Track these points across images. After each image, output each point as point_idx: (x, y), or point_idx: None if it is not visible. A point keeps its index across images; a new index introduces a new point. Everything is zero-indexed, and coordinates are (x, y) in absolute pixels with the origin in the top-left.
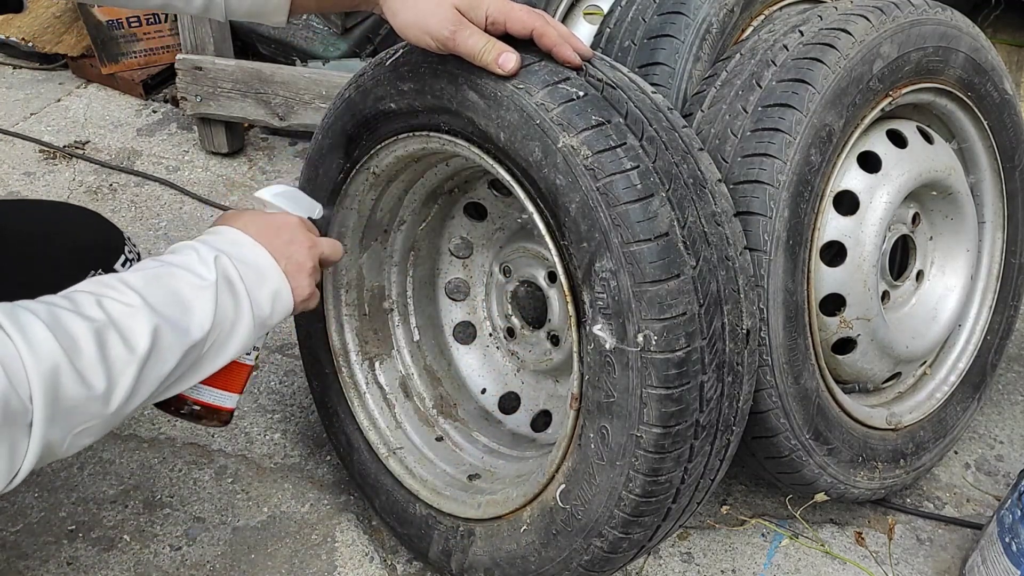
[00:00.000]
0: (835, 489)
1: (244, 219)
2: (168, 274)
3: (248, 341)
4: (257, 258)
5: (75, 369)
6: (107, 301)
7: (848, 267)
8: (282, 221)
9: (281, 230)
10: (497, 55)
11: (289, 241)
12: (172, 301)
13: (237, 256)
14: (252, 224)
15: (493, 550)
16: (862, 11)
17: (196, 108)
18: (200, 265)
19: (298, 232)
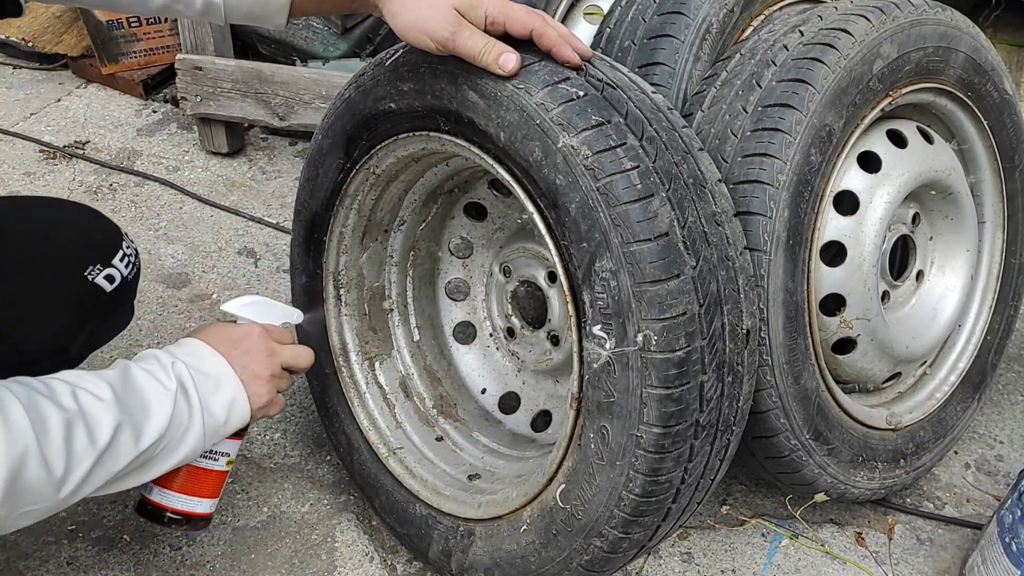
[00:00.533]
0: (835, 489)
1: (208, 331)
2: (138, 376)
3: (197, 447)
4: (215, 368)
5: (41, 454)
6: (81, 392)
7: (848, 267)
8: (243, 332)
9: (241, 341)
10: (497, 55)
11: (247, 351)
12: (137, 402)
13: (195, 366)
14: (214, 335)
15: (493, 550)
16: (862, 11)
17: (196, 108)
18: (162, 372)
19: (258, 342)
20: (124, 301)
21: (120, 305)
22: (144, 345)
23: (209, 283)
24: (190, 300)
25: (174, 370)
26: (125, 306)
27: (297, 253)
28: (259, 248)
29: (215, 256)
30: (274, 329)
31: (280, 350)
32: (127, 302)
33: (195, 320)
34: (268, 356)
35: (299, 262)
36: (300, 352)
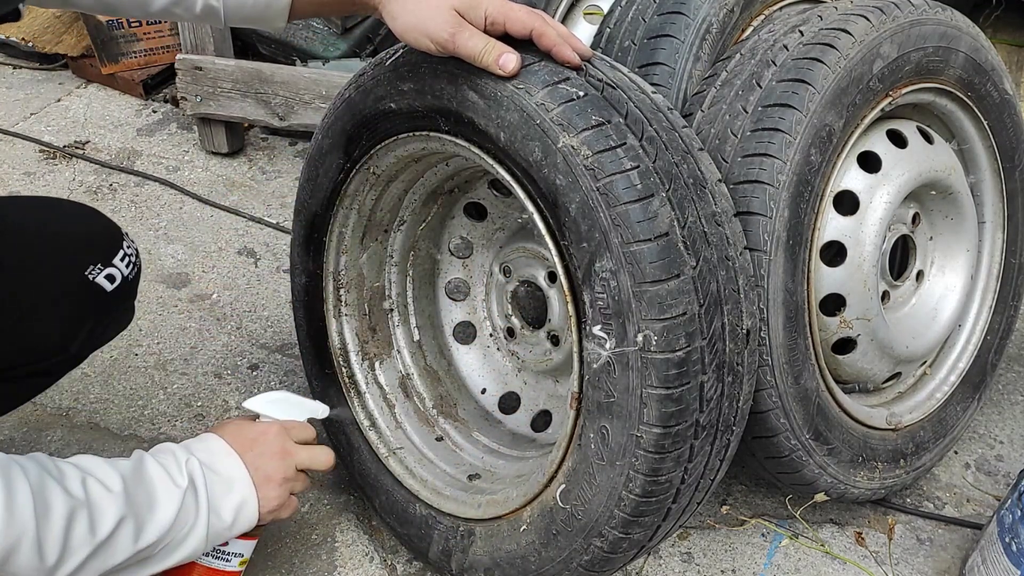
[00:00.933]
0: (835, 489)
1: (227, 428)
2: (150, 469)
3: (198, 548)
4: (228, 468)
5: (38, 540)
6: (91, 481)
7: (848, 267)
8: (260, 431)
9: (257, 440)
10: (497, 56)
11: (262, 452)
12: (145, 497)
13: (208, 463)
14: (231, 433)
15: (493, 550)
16: (862, 11)
17: (196, 108)
18: (175, 468)
19: (275, 442)
20: (125, 301)
21: (120, 305)
22: (144, 345)
23: (209, 283)
24: (190, 300)
25: (187, 467)
26: (126, 306)
27: (297, 253)
28: (259, 248)
29: (215, 256)
30: (295, 426)
31: (296, 451)
32: (128, 302)
33: (195, 320)
34: (283, 458)
35: (299, 262)
36: (317, 454)
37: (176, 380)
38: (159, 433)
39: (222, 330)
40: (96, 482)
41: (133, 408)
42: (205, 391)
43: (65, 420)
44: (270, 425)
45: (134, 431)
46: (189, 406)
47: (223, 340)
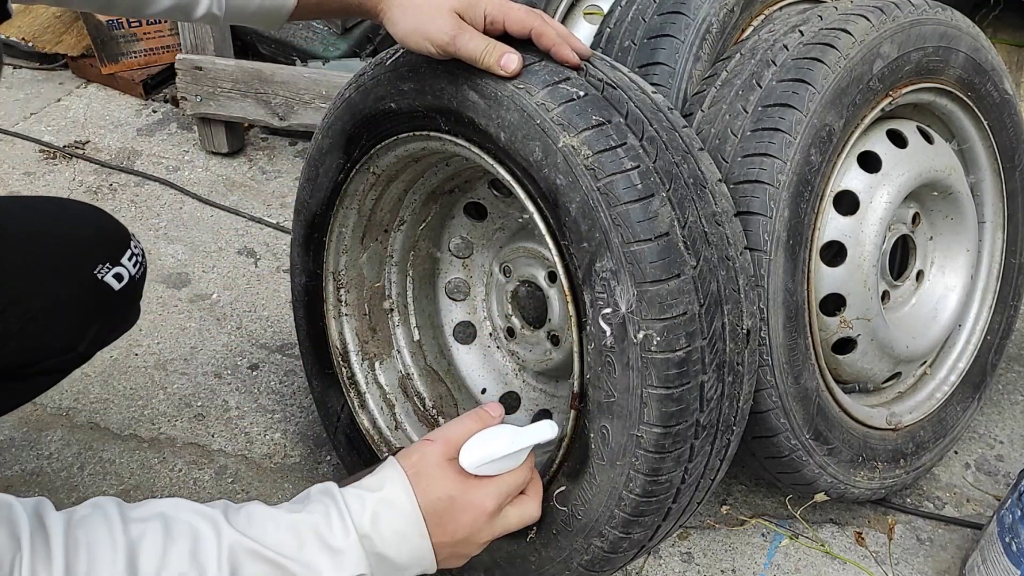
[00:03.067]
0: (835, 489)
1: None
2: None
3: None
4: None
5: None
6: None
7: (848, 267)
8: (473, 507)
9: (461, 523)
10: (499, 57)
11: (464, 540)
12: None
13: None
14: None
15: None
16: (862, 11)
17: (196, 108)
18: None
19: (482, 526)
20: (131, 300)
21: (128, 304)
22: (144, 345)
23: (209, 283)
24: (190, 300)
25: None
26: (132, 306)
27: (297, 253)
28: (259, 248)
29: (215, 256)
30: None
31: (508, 523)
32: (134, 302)
33: (195, 320)
34: (487, 541)
35: (299, 262)
36: (526, 516)
37: (176, 380)
38: (159, 433)
39: (222, 330)
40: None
41: (133, 408)
42: (205, 391)
43: (65, 420)
44: (488, 497)
45: (134, 431)
46: (189, 406)
47: (223, 340)
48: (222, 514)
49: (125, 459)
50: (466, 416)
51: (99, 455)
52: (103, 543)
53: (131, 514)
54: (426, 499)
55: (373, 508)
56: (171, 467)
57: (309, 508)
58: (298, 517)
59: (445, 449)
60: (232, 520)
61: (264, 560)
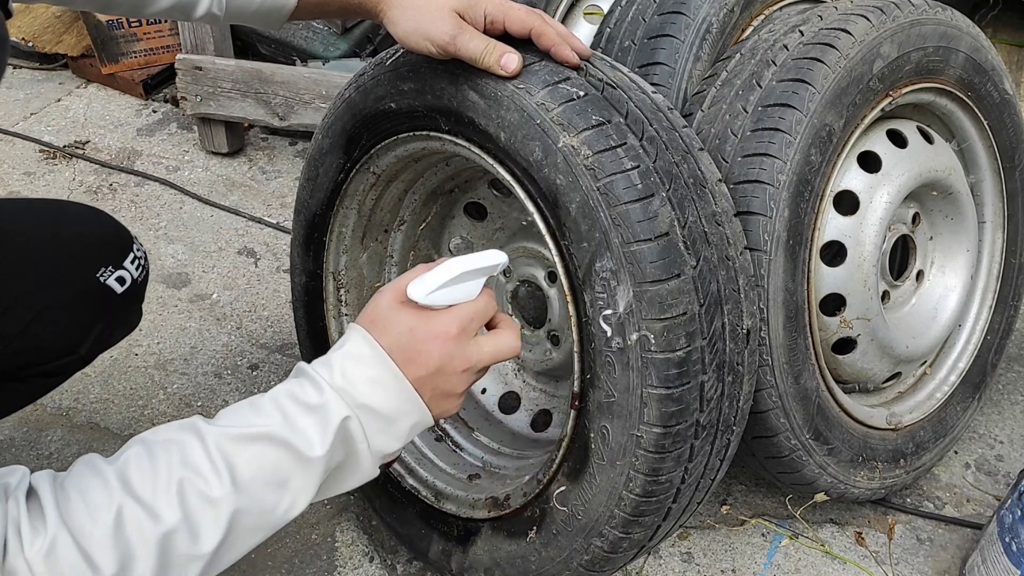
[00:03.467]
0: (835, 489)
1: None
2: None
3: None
4: (399, 402)
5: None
6: (187, 494)
7: (848, 267)
8: (434, 336)
9: (431, 352)
10: (499, 57)
11: (441, 367)
12: (269, 481)
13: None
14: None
15: (493, 550)
16: (862, 11)
17: (196, 108)
18: (315, 432)
19: (454, 353)
20: (134, 303)
21: (130, 307)
22: (144, 345)
23: (209, 283)
24: (190, 300)
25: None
26: (134, 308)
27: (297, 253)
28: (259, 248)
29: (215, 256)
30: (475, 312)
31: (482, 353)
32: (136, 304)
33: (195, 320)
34: (466, 370)
35: (299, 262)
36: (503, 343)
37: (176, 380)
38: None
39: (222, 330)
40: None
41: (133, 408)
42: (205, 391)
43: (65, 420)
44: (450, 321)
45: (134, 431)
46: (189, 406)
47: (223, 340)
48: (198, 420)
49: None
50: (415, 268)
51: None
52: (93, 483)
53: (112, 456)
54: (387, 339)
55: (340, 364)
56: None
57: (280, 384)
58: (271, 392)
59: (394, 294)
60: (210, 421)
61: (252, 439)
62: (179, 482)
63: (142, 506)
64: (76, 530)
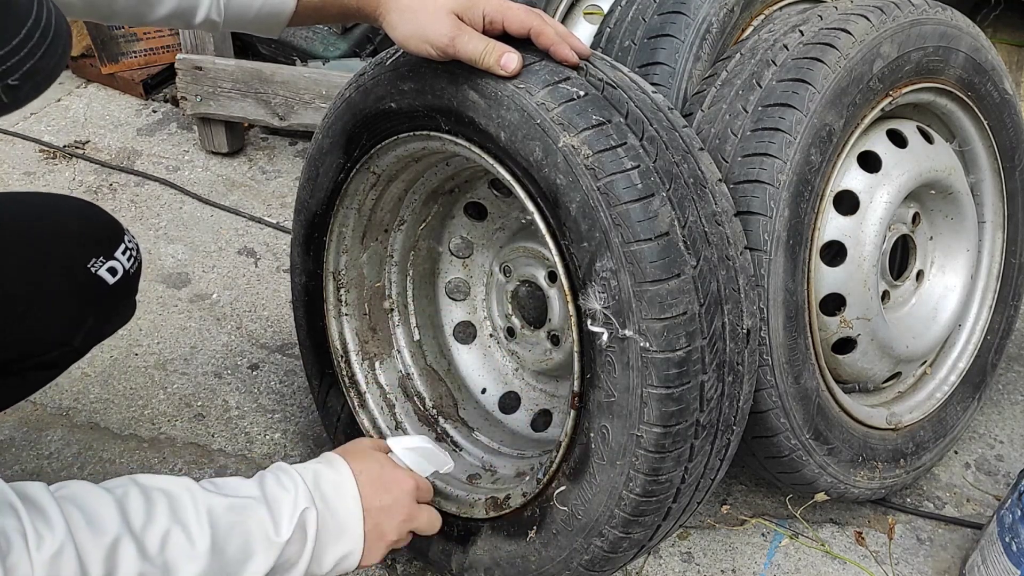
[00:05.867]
0: (835, 489)
1: (366, 464)
2: (249, 517)
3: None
4: (347, 517)
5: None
6: (172, 543)
7: (848, 267)
8: (396, 480)
9: (389, 491)
10: (499, 57)
11: (390, 511)
12: (238, 550)
13: (330, 505)
14: (368, 476)
15: (493, 549)
16: (862, 11)
17: (196, 108)
18: (286, 515)
19: (405, 501)
20: (126, 295)
21: (123, 298)
22: (144, 345)
23: (209, 283)
24: (190, 300)
25: (301, 517)
26: (127, 300)
27: (297, 253)
28: (259, 248)
29: (215, 256)
30: (425, 485)
31: (418, 517)
32: (129, 295)
33: (195, 320)
34: (404, 521)
35: (299, 262)
36: (432, 520)
37: (176, 380)
38: (159, 433)
39: (222, 330)
40: (177, 543)
41: (133, 408)
42: (205, 391)
43: (65, 420)
44: (409, 478)
45: (134, 431)
46: (189, 406)
47: (223, 340)
48: (189, 480)
49: (125, 459)
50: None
51: (99, 455)
52: (91, 497)
53: (107, 485)
54: (358, 464)
55: (312, 468)
56: (171, 467)
57: (263, 473)
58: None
59: (373, 443)
60: (200, 484)
61: (236, 510)
62: (166, 532)
63: (135, 542)
64: (80, 544)
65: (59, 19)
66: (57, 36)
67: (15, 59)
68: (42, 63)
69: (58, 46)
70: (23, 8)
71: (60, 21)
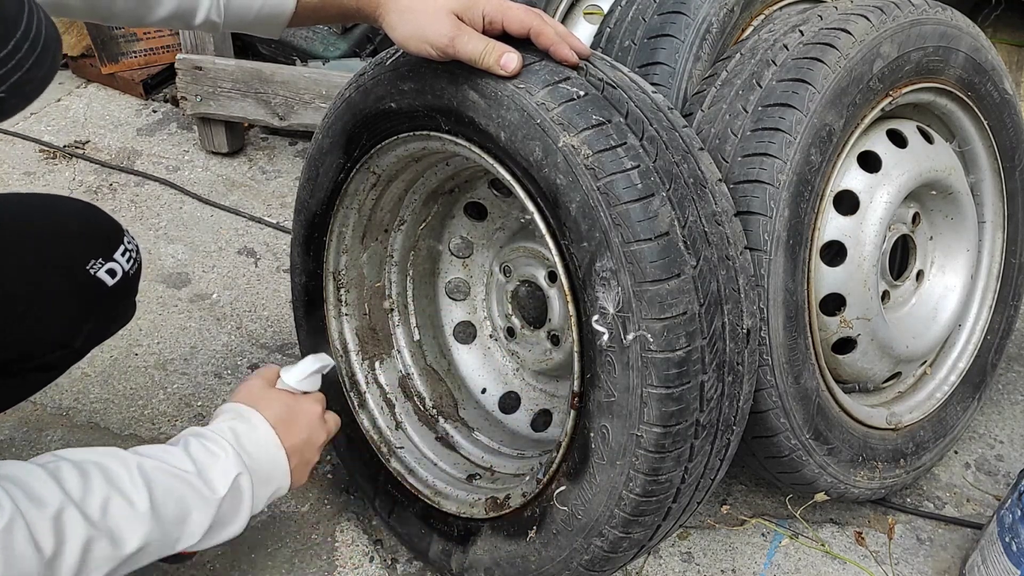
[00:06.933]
0: (835, 489)
1: (274, 408)
2: (182, 480)
3: (230, 536)
4: (274, 466)
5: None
6: (113, 509)
7: (848, 267)
8: (304, 412)
9: (302, 427)
10: (498, 57)
11: (307, 440)
12: (176, 513)
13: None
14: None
15: (493, 549)
16: (862, 11)
17: (196, 108)
18: (219, 476)
19: (315, 427)
20: (126, 296)
21: (122, 299)
22: (144, 345)
23: (209, 283)
24: (190, 300)
25: (236, 483)
26: (127, 301)
27: (297, 253)
28: (259, 248)
29: (215, 256)
30: (322, 399)
31: (329, 428)
32: (128, 297)
33: (195, 320)
34: (321, 446)
35: (299, 262)
36: (336, 422)
37: (176, 380)
38: (159, 433)
39: (222, 330)
40: (120, 502)
41: (133, 408)
42: (205, 391)
43: (65, 420)
44: (313, 404)
45: (134, 431)
46: (189, 406)
47: (223, 340)
48: (116, 449)
49: None
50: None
51: None
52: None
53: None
54: (269, 413)
55: (230, 429)
56: None
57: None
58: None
59: (261, 381)
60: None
61: (167, 473)
62: (105, 499)
63: (79, 510)
64: (26, 514)
65: (49, 28)
66: (47, 47)
67: (2, 71)
68: (31, 75)
69: (47, 57)
70: (11, 20)
71: (50, 30)
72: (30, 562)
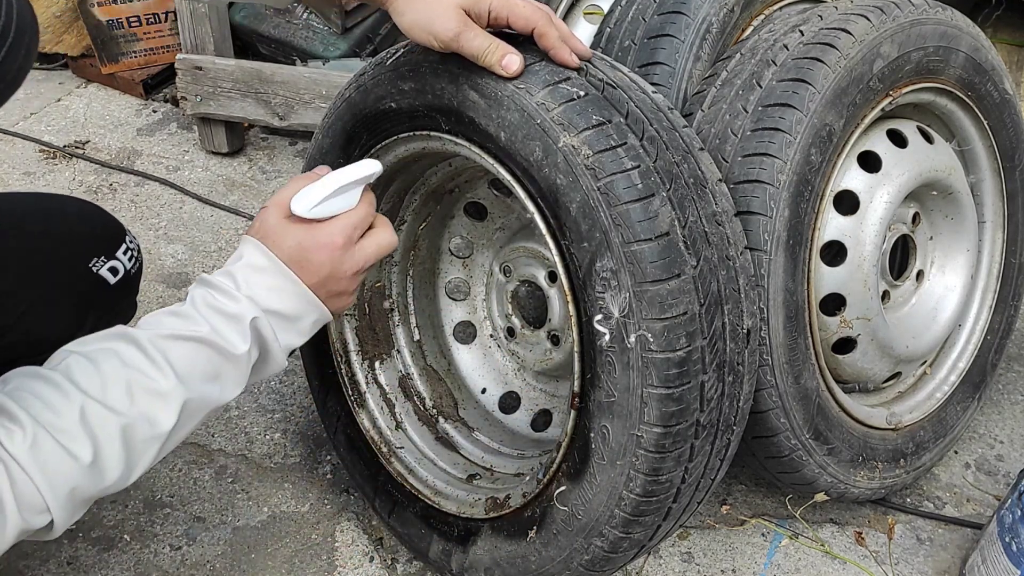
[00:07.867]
0: (835, 489)
1: (287, 246)
2: (203, 342)
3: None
4: (297, 306)
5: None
6: (137, 387)
7: (848, 267)
8: (320, 247)
9: (323, 260)
10: (500, 57)
11: (330, 274)
12: (204, 373)
13: (276, 308)
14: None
15: (493, 549)
16: (862, 11)
17: (196, 108)
18: (236, 334)
19: (339, 259)
20: (127, 294)
21: (124, 298)
22: None
23: None
24: None
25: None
26: (128, 299)
27: None
28: None
29: (215, 256)
30: (360, 218)
31: (367, 256)
32: (130, 295)
33: None
34: (354, 275)
35: None
36: (383, 242)
37: None
38: None
39: None
40: (143, 382)
41: None
42: None
43: None
44: (332, 236)
45: None
46: None
47: None
48: (123, 328)
49: None
50: (292, 180)
51: None
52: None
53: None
54: (280, 252)
55: (243, 275)
56: (171, 467)
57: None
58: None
59: (278, 210)
60: (137, 328)
61: (184, 340)
62: (127, 382)
63: (100, 403)
64: (48, 426)
65: (22, 16)
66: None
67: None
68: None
69: (20, 48)
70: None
71: (23, 18)
72: (71, 472)
